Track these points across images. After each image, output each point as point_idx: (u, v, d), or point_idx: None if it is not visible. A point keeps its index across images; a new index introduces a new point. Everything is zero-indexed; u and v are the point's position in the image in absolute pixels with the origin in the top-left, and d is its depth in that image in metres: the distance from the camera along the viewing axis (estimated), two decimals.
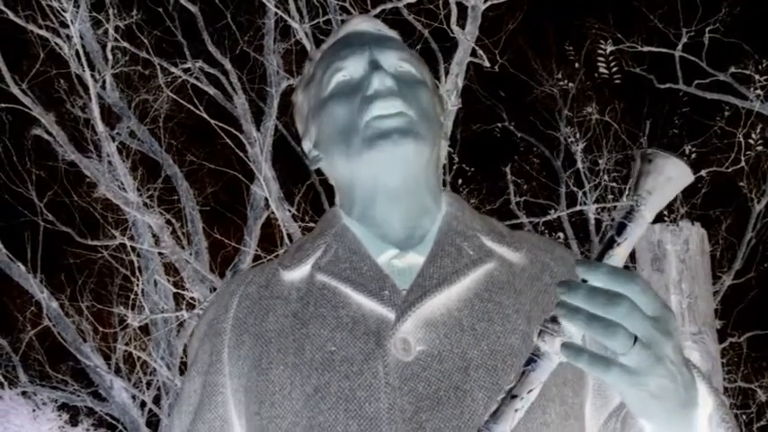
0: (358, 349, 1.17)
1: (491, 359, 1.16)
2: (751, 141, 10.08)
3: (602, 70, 10.59)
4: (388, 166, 1.27)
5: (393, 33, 1.43)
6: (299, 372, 1.18)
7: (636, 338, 0.92)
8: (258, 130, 9.05)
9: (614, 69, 10.58)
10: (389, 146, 1.26)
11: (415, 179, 1.30)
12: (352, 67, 1.34)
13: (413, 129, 1.27)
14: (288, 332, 1.22)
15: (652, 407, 0.98)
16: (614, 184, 10.46)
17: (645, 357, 0.93)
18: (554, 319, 0.95)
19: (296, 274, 1.29)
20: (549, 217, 9.65)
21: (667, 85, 10.62)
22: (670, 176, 0.96)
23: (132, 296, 8.88)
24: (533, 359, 0.96)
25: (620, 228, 0.97)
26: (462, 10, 7.30)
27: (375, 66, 1.31)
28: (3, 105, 8.92)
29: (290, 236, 7.45)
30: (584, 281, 0.95)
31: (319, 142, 1.38)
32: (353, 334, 1.19)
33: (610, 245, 0.97)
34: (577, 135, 10.77)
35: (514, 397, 0.95)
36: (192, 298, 8.30)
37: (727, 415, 1.07)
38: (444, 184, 8.13)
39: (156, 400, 9.82)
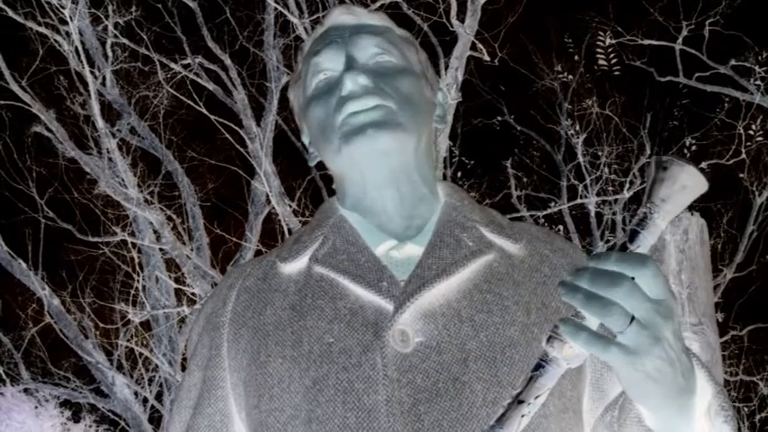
0: (356, 341, 1.17)
1: (490, 350, 1.16)
2: (751, 133, 10.08)
3: (601, 63, 10.58)
4: (367, 160, 1.27)
5: (374, 19, 1.40)
6: (298, 364, 1.18)
7: (634, 319, 0.93)
8: (258, 125, 9.06)
9: (614, 62, 10.58)
10: (364, 141, 1.25)
11: (403, 167, 1.29)
12: (329, 65, 1.33)
13: (391, 120, 1.26)
14: (286, 325, 1.22)
15: (649, 390, 0.98)
16: (615, 177, 10.46)
17: (642, 337, 0.94)
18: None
19: (294, 267, 1.29)
20: (549, 210, 9.66)
21: (668, 78, 10.61)
22: (685, 185, 0.96)
23: (133, 292, 8.90)
24: (541, 365, 0.96)
25: (633, 235, 0.97)
26: (462, 4, 7.29)
27: (349, 64, 1.31)
28: (3, 102, 8.93)
29: (290, 231, 7.46)
30: None
31: (311, 140, 1.39)
32: (351, 326, 1.18)
33: (623, 252, 0.97)
34: (578, 128, 10.76)
35: (521, 402, 0.95)
36: (193, 294, 8.31)
37: (726, 403, 1.07)
38: (445, 178, 8.12)
39: (159, 397, 9.84)
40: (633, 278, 0.94)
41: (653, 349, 0.94)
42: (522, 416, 0.94)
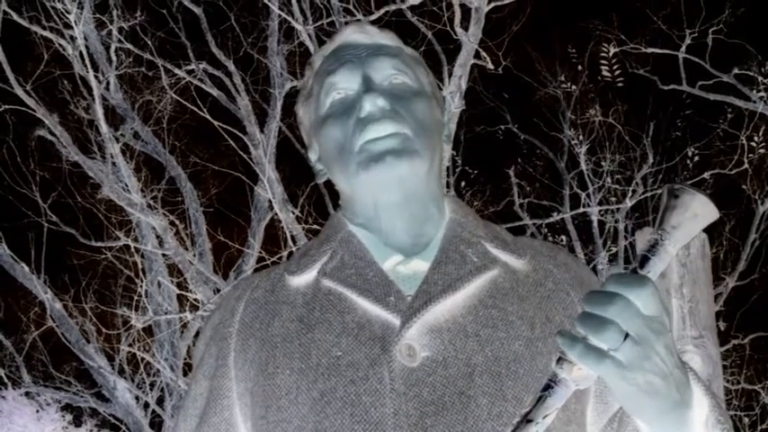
0: (363, 354, 1.18)
1: (495, 365, 1.17)
2: (753, 144, 10.08)
3: (604, 73, 10.59)
4: (384, 187, 1.29)
5: (386, 39, 1.41)
6: (306, 376, 1.19)
7: (628, 335, 0.96)
8: (262, 131, 9.07)
9: (617, 72, 10.58)
10: (384, 168, 1.27)
11: (414, 192, 1.31)
12: (345, 84, 1.34)
13: (408, 147, 1.28)
14: (294, 337, 1.24)
15: (642, 404, 1.01)
16: (618, 186, 10.46)
17: (635, 352, 0.96)
18: None
19: (302, 280, 1.30)
20: (552, 219, 9.66)
21: (671, 87, 10.61)
22: (696, 213, 0.99)
23: (136, 297, 8.91)
24: (550, 385, 0.98)
25: (644, 260, 1.00)
26: (466, 12, 7.30)
27: (367, 85, 1.31)
28: (7, 106, 8.93)
29: (293, 237, 7.46)
30: None
31: (322, 158, 1.40)
32: (359, 339, 1.20)
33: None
34: (581, 137, 10.77)
35: (530, 421, 0.97)
36: (195, 299, 8.31)
37: (723, 416, 1.09)
38: (448, 186, 8.13)
39: (160, 401, 9.83)
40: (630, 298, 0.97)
41: (644, 363, 0.97)
42: None
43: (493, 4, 7.32)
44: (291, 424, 1.18)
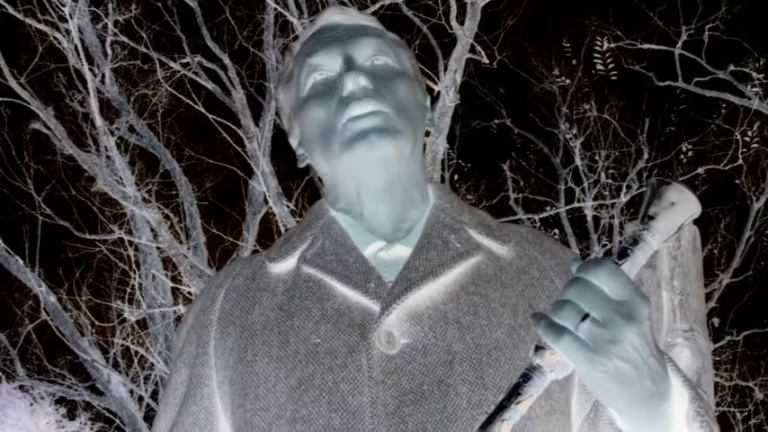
0: (342, 342, 1.17)
1: (476, 353, 1.16)
2: (747, 139, 10.10)
3: (598, 67, 10.59)
4: (367, 167, 1.27)
5: (368, 20, 1.40)
6: (284, 364, 1.18)
7: (588, 316, 0.95)
8: (257, 125, 9.06)
9: (611, 66, 10.59)
10: (366, 147, 1.25)
11: (398, 175, 1.29)
12: (326, 65, 1.32)
13: (390, 126, 1.26)
14: (273, 325, 1.22)
15: (613, 392, 0.99)
16: (612, 182, 10.47)
17: (597, 335, 0.95)
18: None
19: (282, 267, 1.29)
20: (547, 213, 9.67)
21: (667, 83, 10.62)
22: (672, 201, 0.99)
23: (130, 290, 8.91)
24: (527, 374, 0.97)
25: (622, 252, 1.00)
26: (461, 6, 7.31)
27: (349, 65, 1.30)
28: (1, 99, 8.93)
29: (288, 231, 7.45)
30: None
31: (303, 141, 1.38)
32: (338, 326, 1.18)
33: None
34: (576, 132, 10.77)
35: (503, 408, 0.96)
36: (189, 293, 8.31)
37: (702, 408, 1.08)
38: (442, 180, 8.13)
39: (154, 395, 9.84)
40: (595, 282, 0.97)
41: (612, 348, 0.95)
42: (503, 420, 0.95)
43: None
44: (269, 412, 1.17)
